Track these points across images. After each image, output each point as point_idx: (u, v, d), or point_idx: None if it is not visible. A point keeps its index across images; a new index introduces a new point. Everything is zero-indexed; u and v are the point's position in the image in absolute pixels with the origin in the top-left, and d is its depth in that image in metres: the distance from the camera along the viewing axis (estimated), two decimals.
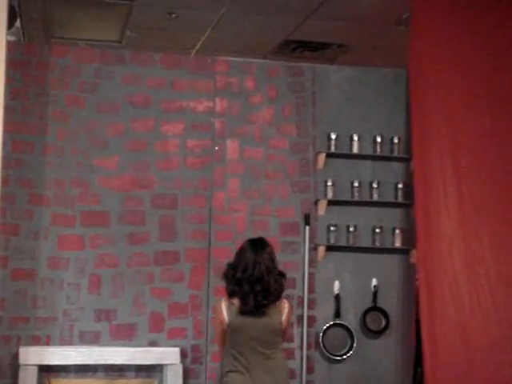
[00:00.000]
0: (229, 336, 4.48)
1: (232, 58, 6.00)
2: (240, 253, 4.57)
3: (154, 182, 5.75)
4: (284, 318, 4.55)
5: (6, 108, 4.88)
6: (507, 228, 5.81)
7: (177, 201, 5.77)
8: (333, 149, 5.97)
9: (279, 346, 4.56)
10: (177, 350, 5.57)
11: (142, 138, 5.76)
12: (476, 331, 5.62)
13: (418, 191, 5.86)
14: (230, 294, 4.51)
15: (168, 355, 5.55)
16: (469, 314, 5.63)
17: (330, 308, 5.86)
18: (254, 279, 4.43)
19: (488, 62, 6.02)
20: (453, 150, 5.90)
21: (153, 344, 5.63)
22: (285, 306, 4.58)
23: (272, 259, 4.55)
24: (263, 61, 6.24)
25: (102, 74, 5.74)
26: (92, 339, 5.56)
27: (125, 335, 5.61)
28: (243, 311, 4.44)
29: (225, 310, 4.49)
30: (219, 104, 5.90)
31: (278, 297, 4.51)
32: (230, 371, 4.46)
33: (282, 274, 4.57)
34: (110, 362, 5.47)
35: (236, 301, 4.48)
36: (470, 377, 5.58)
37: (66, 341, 5.53)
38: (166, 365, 5.53)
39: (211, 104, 5.88)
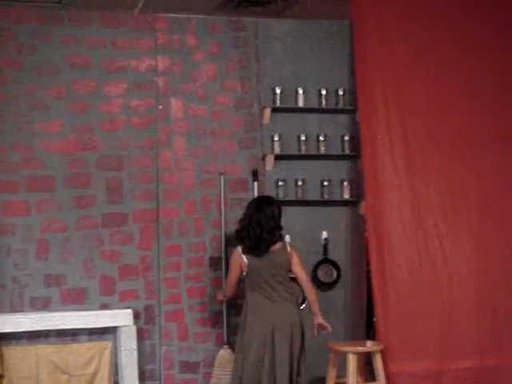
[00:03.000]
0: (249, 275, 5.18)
1: (172, 15, 5.90)
2: (246, 209, 5.28)
3: (99, 143, 5.67)
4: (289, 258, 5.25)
5: None
6: (453, 176, 5.88)
7: (123, 162, 5.70)
8: (278, 103, 5.94)
9: (286, 282, 5.24)
10: (129, 311, 5.56)
11: (84, 99, 5.66)
12: (424, 278, 5.71)
13: (365, 142, 5.88)
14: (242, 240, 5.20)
15: (121, 317, 5.54)
16: (417, 262, 5.70)
17: None
18: (256, 225, 5.11)
19: (433, 7, 6.01)
20: (397, 100, 5.93)
21: (105, 307, 5.60)
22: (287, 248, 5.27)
23: (273, 211, 5.21)
24: (204, 16, 6.11)
25: (39, 35, 5.62)
26: (43, 305, 5.51)
27: (76, 299, 5.57)
28: (255, 253, 5.14)
29: (243, 254, 5.17)
30: (161, 62, 5.81)
31: (276, 238, 5.18)
32: (256, 300, 5.14)
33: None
34: (61, 326, 5.44)
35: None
36: (421, 322, 5.67)
37: (16, 308, 5.47)
38: (120, 327, 5.53)
39: (153, 62, 5.80)
